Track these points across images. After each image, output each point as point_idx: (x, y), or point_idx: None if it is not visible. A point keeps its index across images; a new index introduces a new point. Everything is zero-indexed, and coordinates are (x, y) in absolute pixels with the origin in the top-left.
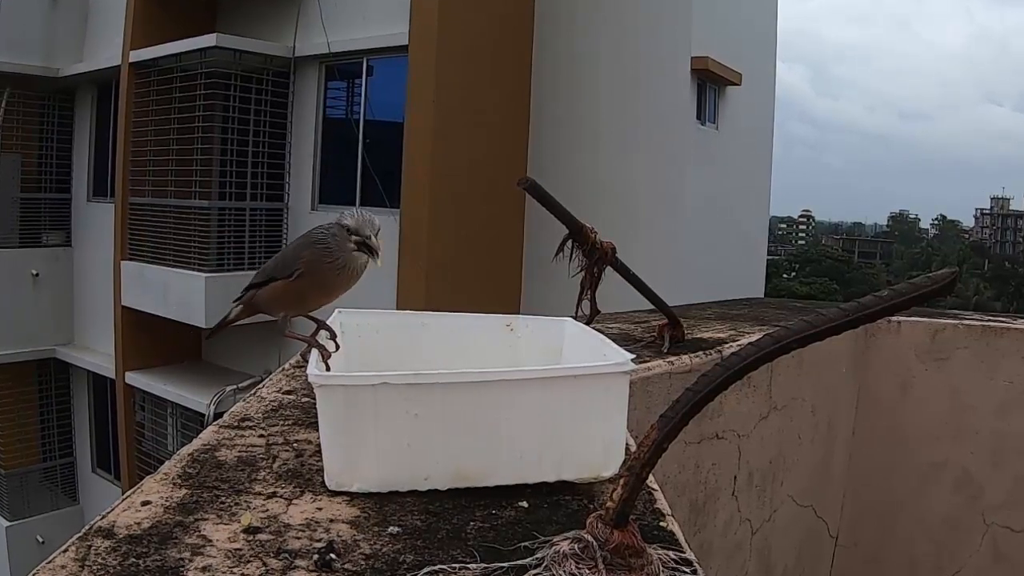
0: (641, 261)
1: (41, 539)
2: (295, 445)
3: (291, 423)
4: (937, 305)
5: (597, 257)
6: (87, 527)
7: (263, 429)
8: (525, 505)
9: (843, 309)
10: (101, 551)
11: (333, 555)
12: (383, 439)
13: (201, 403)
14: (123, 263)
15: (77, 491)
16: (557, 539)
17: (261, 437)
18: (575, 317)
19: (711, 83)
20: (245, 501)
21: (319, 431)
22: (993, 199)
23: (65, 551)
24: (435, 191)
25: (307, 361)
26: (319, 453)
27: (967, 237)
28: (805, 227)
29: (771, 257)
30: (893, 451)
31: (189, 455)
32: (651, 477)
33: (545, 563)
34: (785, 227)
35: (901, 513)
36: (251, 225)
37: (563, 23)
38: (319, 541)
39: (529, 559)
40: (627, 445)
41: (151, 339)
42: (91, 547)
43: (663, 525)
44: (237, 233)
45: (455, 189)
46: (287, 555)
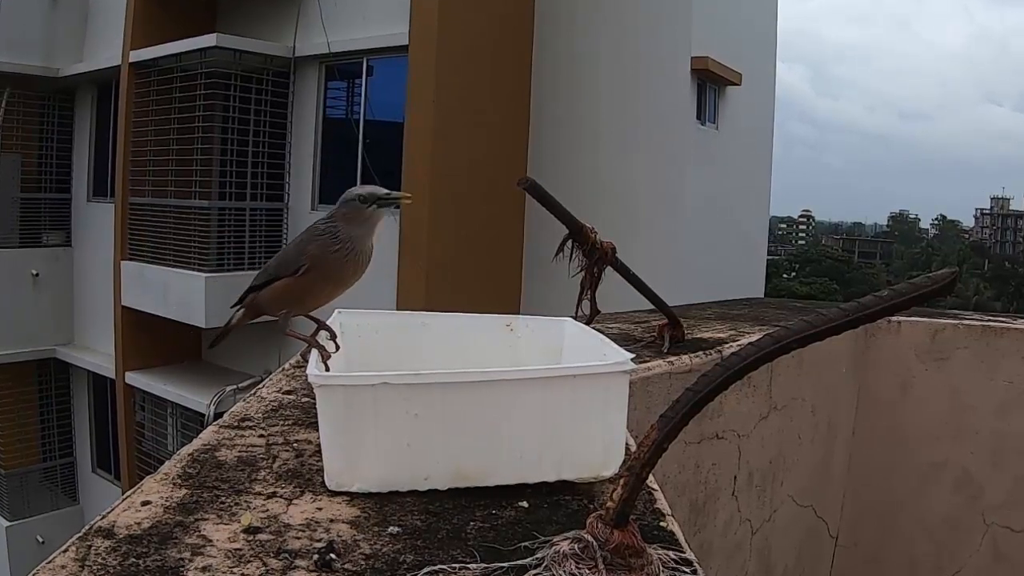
0: (641, 261)
1: (41, 539)
2: (295, 445)
3: (291, 423)
4: (937, 305)
5: (597, 257)
6: (87, 527)
7: (263, 429)
8: (525, 505)
9: (843, 309)
10: (101, 551)
11: (333, 555)
12: (383, 439)
13: (201, 403)
14: (123, 263)
15: (77, 491)
16: (557, 539)
17: (261, 437)
18: (575, 317)
19: (711, 83)
20: (245, 501)
21: (319, 431)
22: (993, 199)
23: (65, 551)
24: (435, 191)
25: (307, 361)
26: (319, 453)
27: (967, 237)
28: (805, 227)
29: (771, 257)
30: (893, 451)
31: (189, 455)
32: (651, 477)
33: (545, 563)
34: (785, 227)
35: (901, 513)
36: (251, 225)
37: (563, 23)
38: (319, 541)
39: (529, 559)
40: (627, 445)
41: (151, 339)
42: (91, 547)
43: (663, 525)
44: (237, 233)
45: (455, 189)
46: (287, 555)
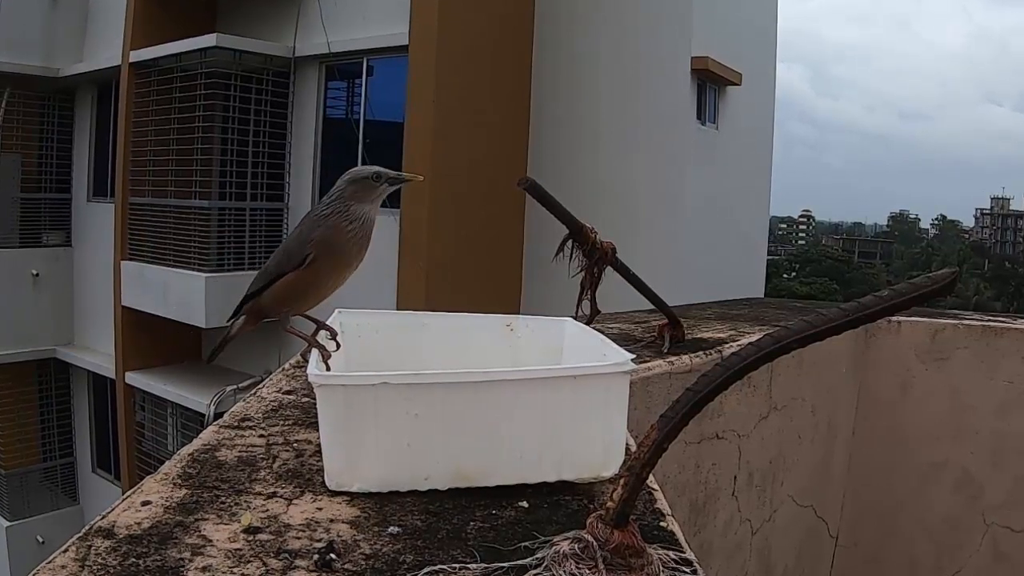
0: (641, 261)
1: (41, 539)
2: (295, 445)
3: (291, 423)
4: (937, 305)
5: (597, 257)
6: (87, 527)
7: (263, 429)
8: (525, 505)
9: (843, 309)
10: (101, 551)
11: (333, 555)
12: (383, 439)
13: (201, 403)
14: (123, 263)
15: (77, 491)
16: (557, 539)
17: (261, 437)
18: (575, 317)
19: (711, 83)
20: (245, 501)
21: (319, 431)
22: (993, 199)
23: (65, 551)
24: (435, 191)
25: (307, 361)
26: (319, 453)
27: (967, 237)
28: (805, 227)
29: (771, 257)
30: (893, 451)
31: (189, 455)
32: (651, 477)
33: (545, 563)
34: (785, 227)
35: (901, 513)
36: (251, 225)
37: (563, 23)
38: (319, 541)
39: (529, 559)
40: (627, 445)
41: (151, 339)
42: (91, 547)
43: (663, 525)
44: (237, 233)
45: (455, 189)
46: (287, 555)
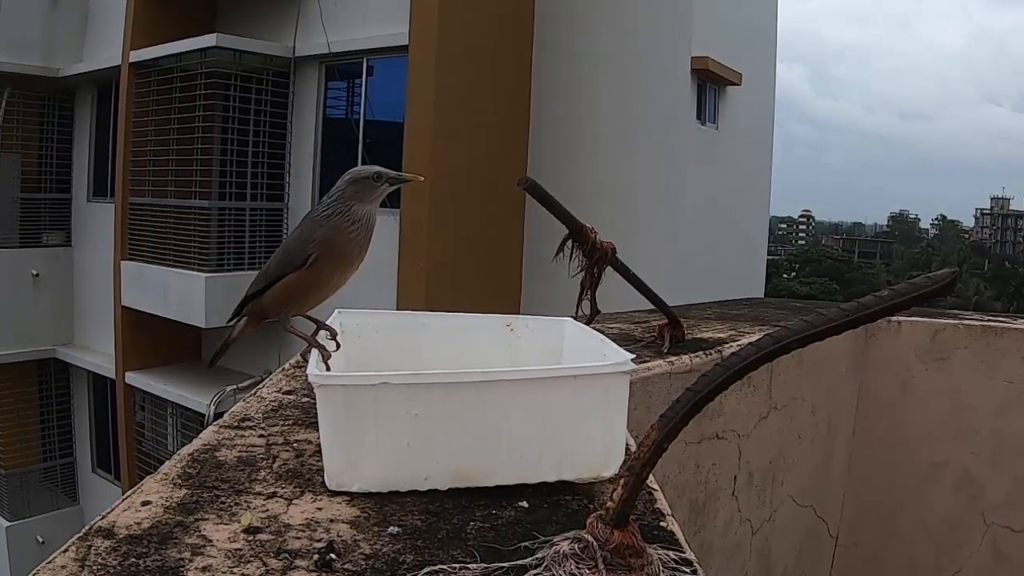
0: (641, 261)
1: (41, 539)
2: (295, 445)
3: (291, 423)
4: (937, 305)
5: (597, 257)
6: (87, 527)
7: (263, 429)
8: (525, 505)
9: (843, 309)
10: (101, 551)
11: (333, 555)
12: (383, 439)
13: (201, 403)
14: (123, 263)
15: (77, 491)
16: (557, 539)
17: (261, 437)
18: (575, 317)
19: (711, 83)
20: (245, 501)
21: (319, 431)
22: (993, 199)
23: (65, 551)
24: (435, 191)
25: (307, 361)
26: (319, 453)
27: (967, 237)
28: (805, 227)
29: (771, 257)
30: (893, 451)
31: (189, 455)
32: (651, 477)
33: (545, 563)
34: (785, 227)
35: (901, 513)
36: (251, 225)
37: (563, 23)
38: (319, 541)
39: (529, 559)
40: (627, 445)
41: (151, 339)
42: (91, 547)
43: (663, 525)
44: (237, 233)
45: (455, 189)
46: (287, 555)
